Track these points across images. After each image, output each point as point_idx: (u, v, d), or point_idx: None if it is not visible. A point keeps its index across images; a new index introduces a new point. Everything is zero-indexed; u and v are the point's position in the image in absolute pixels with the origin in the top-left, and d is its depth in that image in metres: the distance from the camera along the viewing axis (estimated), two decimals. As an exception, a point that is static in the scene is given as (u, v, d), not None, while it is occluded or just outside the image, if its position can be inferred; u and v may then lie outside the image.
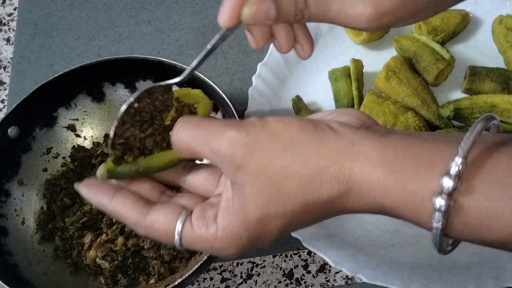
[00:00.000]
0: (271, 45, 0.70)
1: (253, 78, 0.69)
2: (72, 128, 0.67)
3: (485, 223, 0.30)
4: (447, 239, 0.33)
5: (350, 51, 0.71)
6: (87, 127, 0.67)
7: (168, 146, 0.40)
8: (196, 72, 0.58)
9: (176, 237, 0.36)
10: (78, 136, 0.67)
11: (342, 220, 0.62)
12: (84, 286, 0.59)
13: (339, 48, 0.72)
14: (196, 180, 0.41)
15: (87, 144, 0.67)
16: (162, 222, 0.37)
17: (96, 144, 0.67)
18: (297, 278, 0.61)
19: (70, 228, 0.61)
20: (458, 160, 0.29)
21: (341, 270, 0.60)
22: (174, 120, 0.40)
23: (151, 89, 0.40)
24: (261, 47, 0.42)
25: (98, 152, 0.66)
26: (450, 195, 0.29)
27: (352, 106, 0.67)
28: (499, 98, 0.63)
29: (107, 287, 0.58)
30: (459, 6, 0.71)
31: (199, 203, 0.39)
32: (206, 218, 0.36)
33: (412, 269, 0.57)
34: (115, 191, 0.39)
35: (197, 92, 0.43)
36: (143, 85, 0.64)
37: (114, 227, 0.60)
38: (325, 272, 0.61)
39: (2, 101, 0.78)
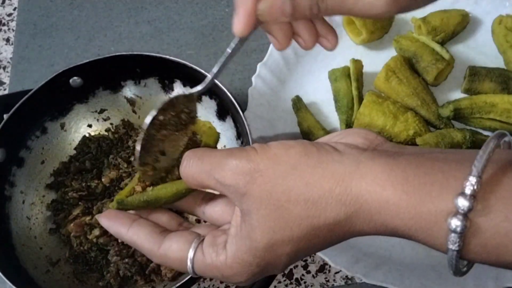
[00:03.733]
0: (271, 45, 0.70)
1: (253, 78, 0.69)
2: (132, 102, 0.67)
3: (503, 244, 0.29)
4: (463, 261, 0.32)
5: (350, 51, 0.71)
6: (146, 108, 0.67)
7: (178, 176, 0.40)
8: (202, 71, 0.58)
9: (189, 264, 0.36)
10: (134, 112, 0.68)
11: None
12: (53, 249, 0.60)
13: (339, 48, 0.71)
14: (213, 211, 0.41)
15: (138, 123, 0.68)
16: (175, 250, 0.37)
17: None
18: (296, 278, 0.61)
19: (69, 192, 0.62)
20: (473, 179, 0.28)
21: (340, 270, 0.60)
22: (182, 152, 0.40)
23: (175, 99, 0.40)
24: (284, 47, 0.41)
25: (137, 138, 0.66)
26: (466, 215, 0.28)
27: (352, 106, 0.67)
28: (498, 98, 0.63)
29: (67, 261, 0.60)
30: (458, 6, 0.71)
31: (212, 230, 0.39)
32: (216, 245, 0.36)
33: (412, 269, 0.57)
34: (133, 221, 0.39)
35: (206, 122, 0.43)
36: (207, 101, 0.64)
37: None
38: (325, 272, 0.61)
39: (2, 101, 0.78)
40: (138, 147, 0.39)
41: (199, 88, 0.41)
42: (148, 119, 0.39)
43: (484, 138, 0.63)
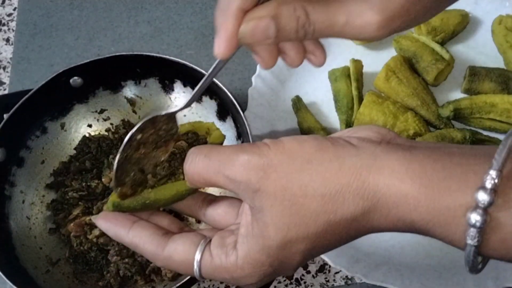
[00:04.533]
0: (271, 45, 0.70)
1: (253, 78, 0.69)
2: (132, 102, 0.67)
3: None
4: (478, 257, 0.31)
5: (350, 51, 0.71)
6: (146, 108, 0.68)
7: (174, 177, 0.39)
8: (202, 71, 0.58)
9: (195, 267, 0.35)
10: (134, 112, 0.68)
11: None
12: (52, 249, 0.60)
13: (339, 48, 0.72)
14: (216, 214, 0.39)
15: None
16: (180, 252, 0.36)
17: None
18: (296, 278, 0.61)
19: (69, 192, 0.62)
20: (493, 173, 0.28)
21: (340, 270, 0.59)
22: (183, 152, 0.39)
23: (154, 119, 0.38)
24: (270, 67, 0.40)
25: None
26: (486, 210, 0.28)
27: (352, 106, 0.67)
28: (498, 98, 0.63)
29: (67, 261, 0.60)
30: (458, 6, 0.72)
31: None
32: (226, 246, 0.35)
33: (411, 269, 0.57)
34: (133, 222, 0.38)
35: (210, 124, 0.42)
36: (207, 101, 0.64)
37: None
38: (325, 272, 0.61)
39: (2, 101, 0.78)
40: (114, 167, 0.37)
41: (178, 108, 0.39)
42: (125, 140, 0.37)
43: (484, 138, 0.63)
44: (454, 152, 0.31)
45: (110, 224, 0.38)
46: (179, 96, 0.66)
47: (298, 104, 0.68)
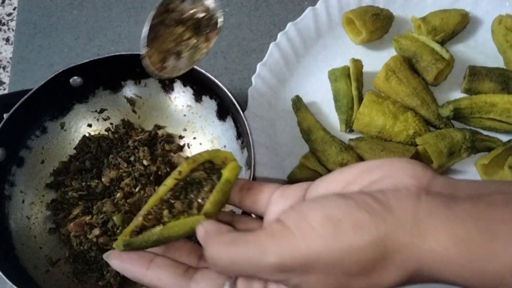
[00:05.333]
0: (271, 45, 0.70)
1: (253, 78, 0.69)
2: (132, 102, 0.67)
3: None
4: None
5: (350, 51, 0.71)
6: (146, 108, 0.68)
7: (187, 212, 0.38)
8: (202, 71, 0.58)
9: None
10: (134, 112, 0.68)
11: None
12: (52, 249, 0.60)
13: (339, 48, 0.72)
14: None
15: (138, 123, 0.68)
16: None
17: (141, 130, 0.67)
18: (296, 278, 0.61)
19: (69, 191, 0.62)
20: None
21: (340, 270, 0.59)
22: (199, 183, 0.38)
23: None
24: None
25: (137, 138, 0.66)
26: None
27: (352, 106, 0.67)
28: (498, 98, 0.63)
29: (67, 260, 0.60)
30: (458, 6, 0.72)
31: None
32: None
33: (411, 269, 0.57)
34: (150, 261, 0.36)
35: (228, 154, 0.40)
36: (207, 101, 0.64)
37: (101, 216, 0.60)
38: (325, 272, 0.61)
39: (2, 101, 0.78)
40: (146, 28, 0.35)
41: None
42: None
43: (484, 138, 0.63)
44: (498, 202, 0.30)
45: (126, 265, 0.36)
46: (179, 95, 0.66)
47: (298, 104, 0.68)
